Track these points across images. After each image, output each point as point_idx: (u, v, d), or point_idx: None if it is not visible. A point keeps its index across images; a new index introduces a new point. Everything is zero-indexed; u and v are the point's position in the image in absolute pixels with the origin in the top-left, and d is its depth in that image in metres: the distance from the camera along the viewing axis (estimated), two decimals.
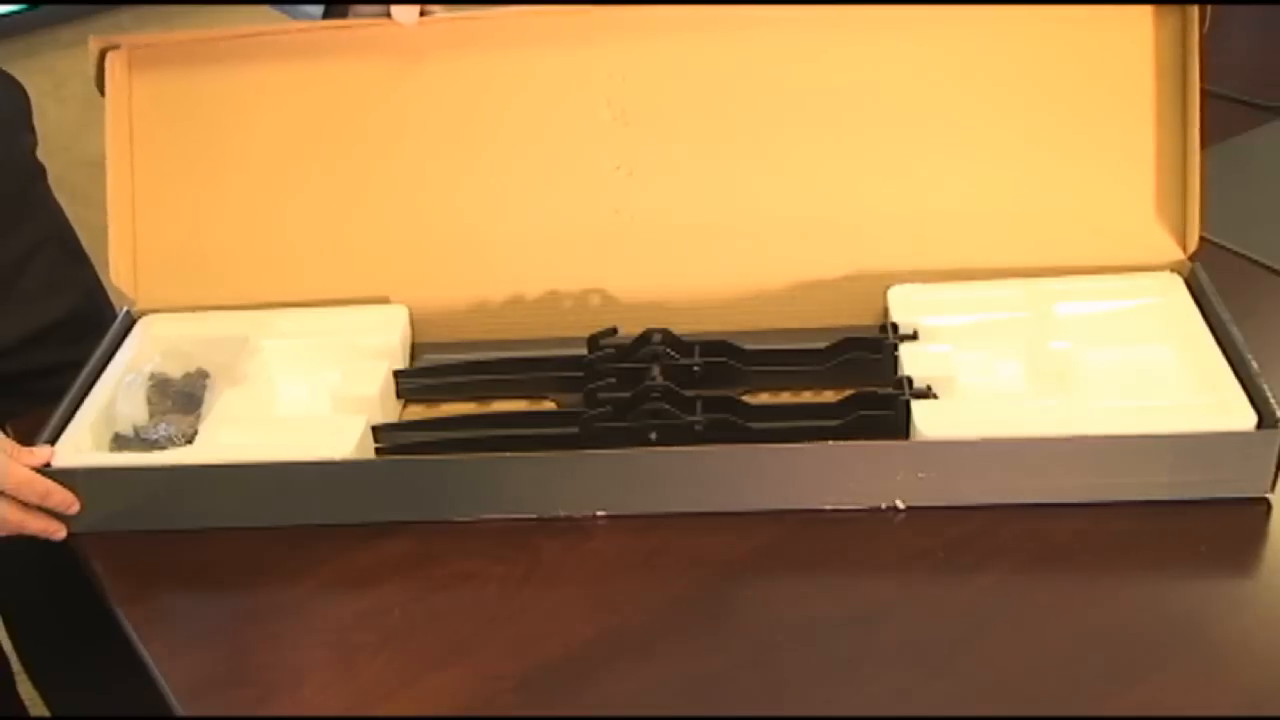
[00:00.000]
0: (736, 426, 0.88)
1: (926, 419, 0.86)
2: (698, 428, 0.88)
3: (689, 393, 0.90)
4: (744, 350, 0.95)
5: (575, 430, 0.89)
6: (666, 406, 0.88)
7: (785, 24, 0.99)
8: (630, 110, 0.99)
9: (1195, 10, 0.93)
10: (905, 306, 0.97)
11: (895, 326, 0.94)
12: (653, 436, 0.88)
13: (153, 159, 1.06)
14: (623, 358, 0.95)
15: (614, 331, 0.95)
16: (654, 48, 1.00)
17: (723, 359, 0.94)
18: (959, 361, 0.90)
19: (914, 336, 0.94)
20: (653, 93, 0.99)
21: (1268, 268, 1.08)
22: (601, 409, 0.89)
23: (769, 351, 0.95)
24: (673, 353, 0.94)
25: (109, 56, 1.05)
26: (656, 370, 0.91)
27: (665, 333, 0.95)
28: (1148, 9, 0.96)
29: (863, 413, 0.88)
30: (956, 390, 0.89)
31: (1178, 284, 0.96)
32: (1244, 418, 0.83)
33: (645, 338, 0.95)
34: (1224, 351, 0.88)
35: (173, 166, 1.05)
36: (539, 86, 0.99)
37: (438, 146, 1.02)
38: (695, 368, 0.93)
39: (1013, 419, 0.85)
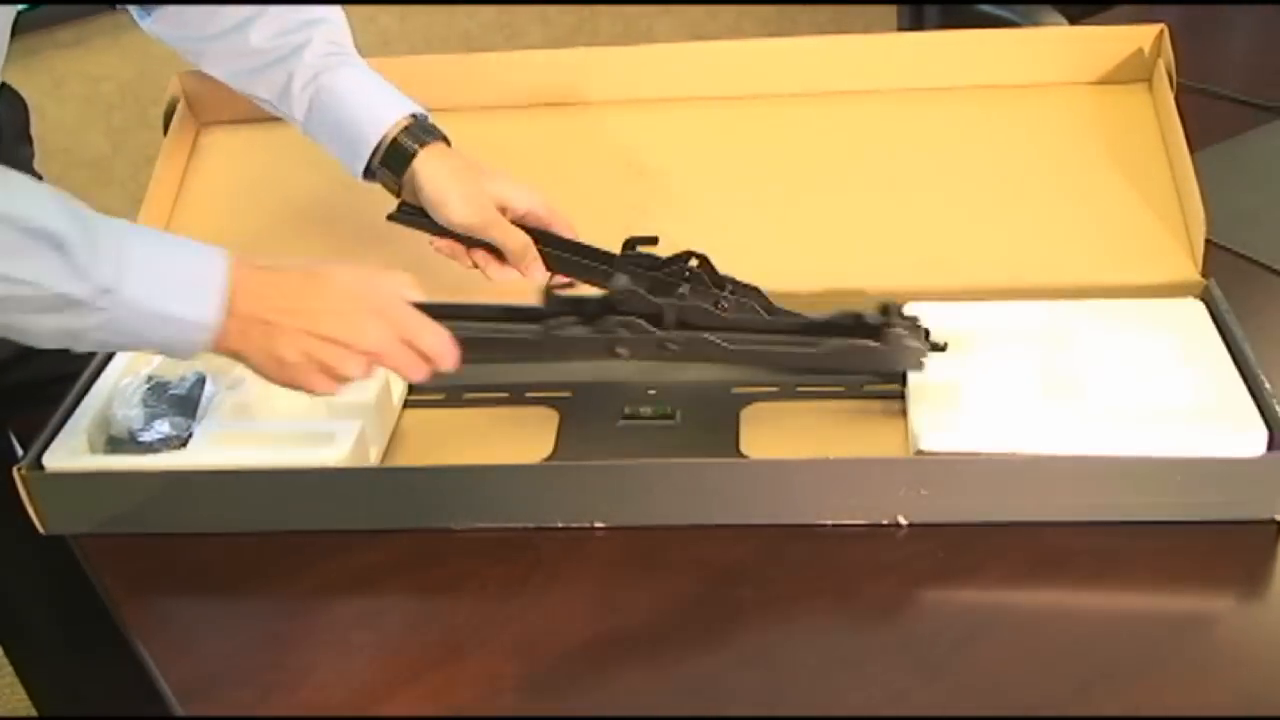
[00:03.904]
0: (710, 344, 0.85)
1: (927, 430, 0.85)
2: (671, 346, 0.85)
3: (658, 299, 0.86)
4: (770, 303, 0.91)
5: (535, 330, 0.86)
6: (634, 319, 0.85)
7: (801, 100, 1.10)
8: (648, 164, 1.00)
9: (1164, 80, 1.06)
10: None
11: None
12: (622, 352, 0.85)
13: (194, 197, 1.09)
14: (652, 267, 0.92)
15: (655, 240, 0.92)
16: (672, 113, 1.09)
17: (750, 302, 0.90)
18: (968, 376, 0.90)
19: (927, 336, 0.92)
20: (668, 149, 1.01)
21: (1268, 268, 1.08)
22: (565, 315, 0.86)
23: (750, 318, 0.91)
24: (706, 279, 0.90)
25: (180, 107, 1.10)
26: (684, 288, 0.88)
27: (704, 259, 0.91)
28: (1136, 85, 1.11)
29: (849, 340, 0.86)
30: (962, 403, 0.88)
31: (1198, 308, 0.95)
32: (1255, 441, 0.82)
33: (681, 258, 0.91)
34: (1239, 371, 0.88)
35: (209, 204, 1.09)
36: (568, 142, 0.99)
37: None
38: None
39: (1017, 433, 0.84)
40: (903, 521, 0.85)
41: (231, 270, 0.78)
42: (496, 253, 0.95)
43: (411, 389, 1.01)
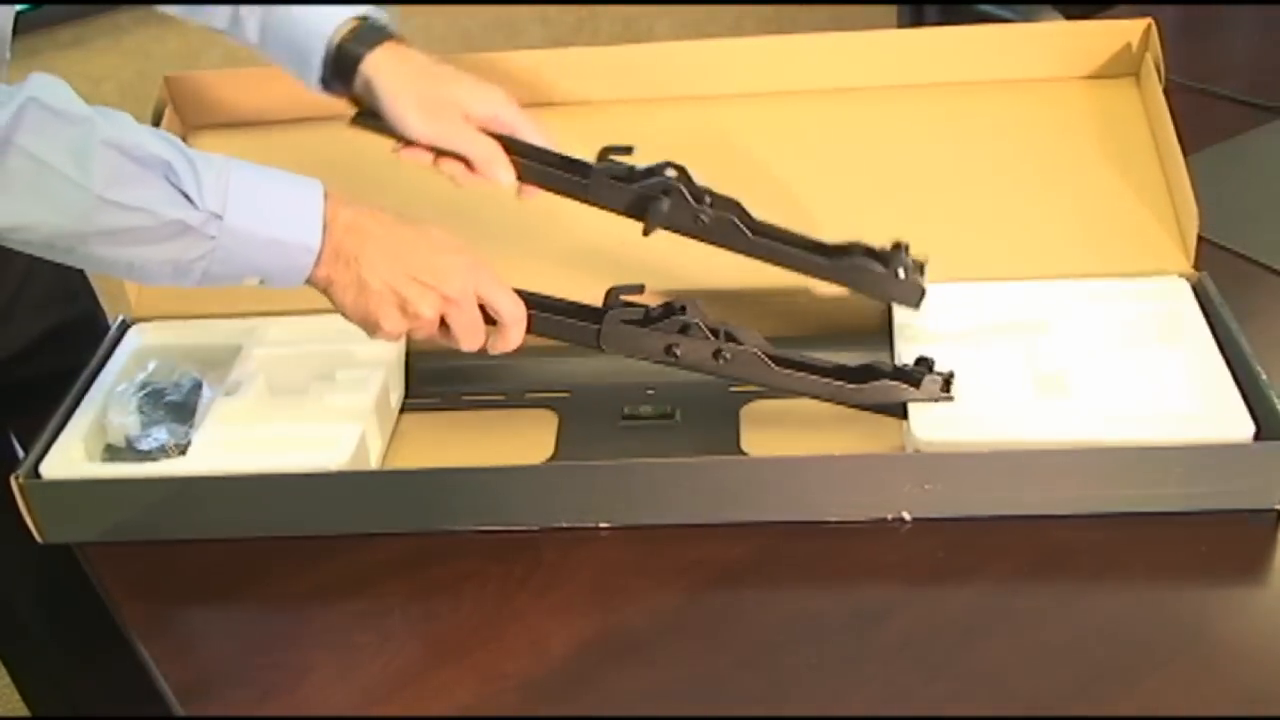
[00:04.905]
0: (758, 362, 0.87)
1: (922, 420, 0.86)
2: (703, 218, 0.89)
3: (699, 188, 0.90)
4: (751, 219, 0.93)
5: (598, 328, 0.87)
6: (695, 321, 0.86)
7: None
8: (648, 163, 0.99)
9: (1153, 75, 1.07)
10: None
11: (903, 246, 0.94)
12: (677, 353, 0.87)
13: None
14: (629, 179, 0.92)
15: (629, 150, 0.92)
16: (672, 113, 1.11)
17: (730, 215, 0.92)
18: (960, 361, 0.90)
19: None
20: (668, 148, 1.00)
21: (1268, 268, 1.08)
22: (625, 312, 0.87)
23: (776, 229, 0.94)
24: (685, 191, 0.91)
25: (167, 111, 1.11)
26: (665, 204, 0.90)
27: (681, 170, 0.92)
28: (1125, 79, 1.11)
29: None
30: (955, 390, 0.89)
31: (1184, 289, 0.96)
32: (1241, 428, 0.83)
33: (658, 170, 0.92)
34: (1232, 361, 0.88)
35: None
36: (568, 142, 0.99)
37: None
38: (702, 216, 0.91)
39: (1011, 423, 0.85)
40: (906, 517, 0.85)
41: (328, 200, 0.80)
42: (465, 160, 0.92)
43: (410, 391, 1.01)
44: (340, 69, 0.91)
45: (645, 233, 0.92)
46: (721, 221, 0.92)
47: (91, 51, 2.02)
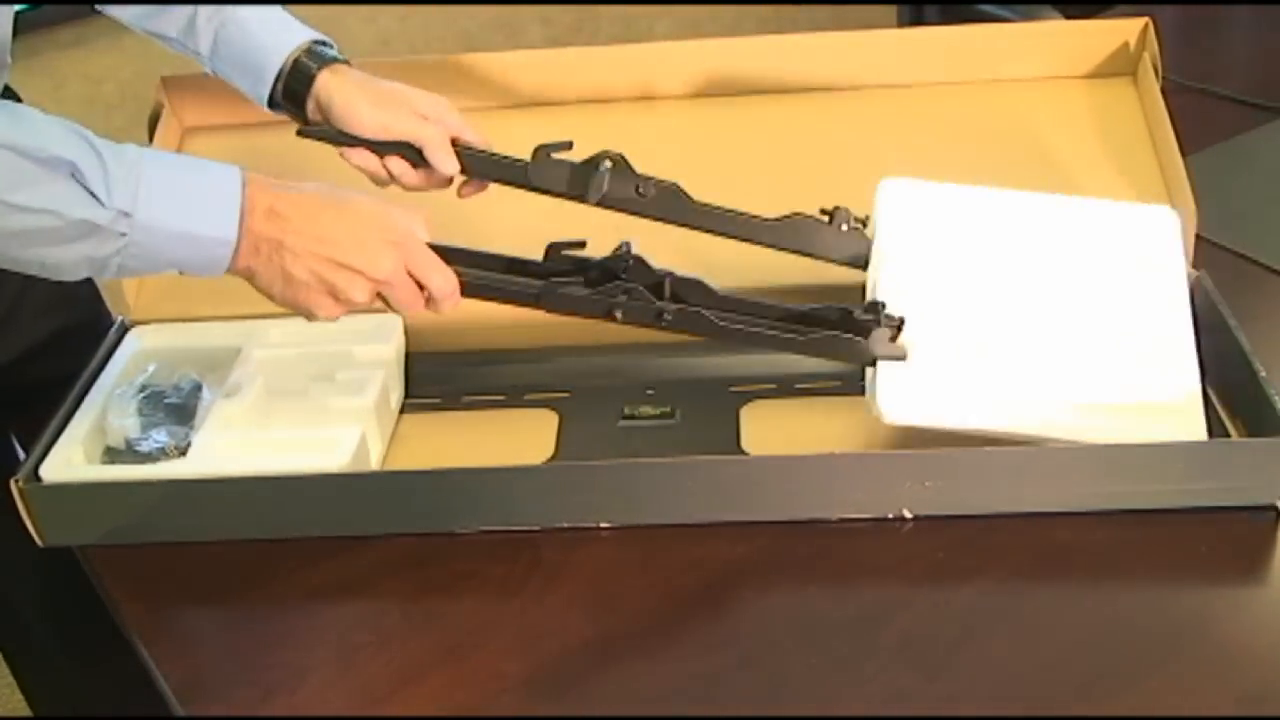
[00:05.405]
0: (705, 320, 0.86)
1: (890, 398, 0.86)
2: (666, 316, 0.86)
3: (655, 269, 0.87)
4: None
5: (538, 285, 0.86)
6: (636, 286, 0.86)
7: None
8: (649, 162, 0.99)
9: (1150, 73, 1.07)
10: (896, 204, 0.94)
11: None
12: (618, 315, 0.86)
13: None
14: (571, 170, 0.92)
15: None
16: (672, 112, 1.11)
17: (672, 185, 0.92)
18: (933, 306, 0.89)
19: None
20: (668, 147, 1.01)
21: (1268, 268, 1.08)
22: (569, 278, 0.87)
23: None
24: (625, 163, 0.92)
25: (164, 113, 1.12)
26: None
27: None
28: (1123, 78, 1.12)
29: (827, 333, 0.87)
30: (924, 362, 0.87)
31: (1172, 221, 0.94)
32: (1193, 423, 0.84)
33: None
34: (1232, 359, 0.88)
35: None
36: (569, 130, 0.99)
37: None
38: (642, 187, 0.91)
39: (973, 412, 0.85)
40: (907, 515, 0.85)
41: (247, 187, 0.79)
42: (411, 162, 0.93)
43: (410, 392, 1.01)
44: (294, 82, 0.94)
45: (587, 202, 0.91)
46: (664, 191, 0.92)
47: (91, 51, 2.02)
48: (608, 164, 0.92)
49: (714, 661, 0.77)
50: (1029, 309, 0.90)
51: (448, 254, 0.85)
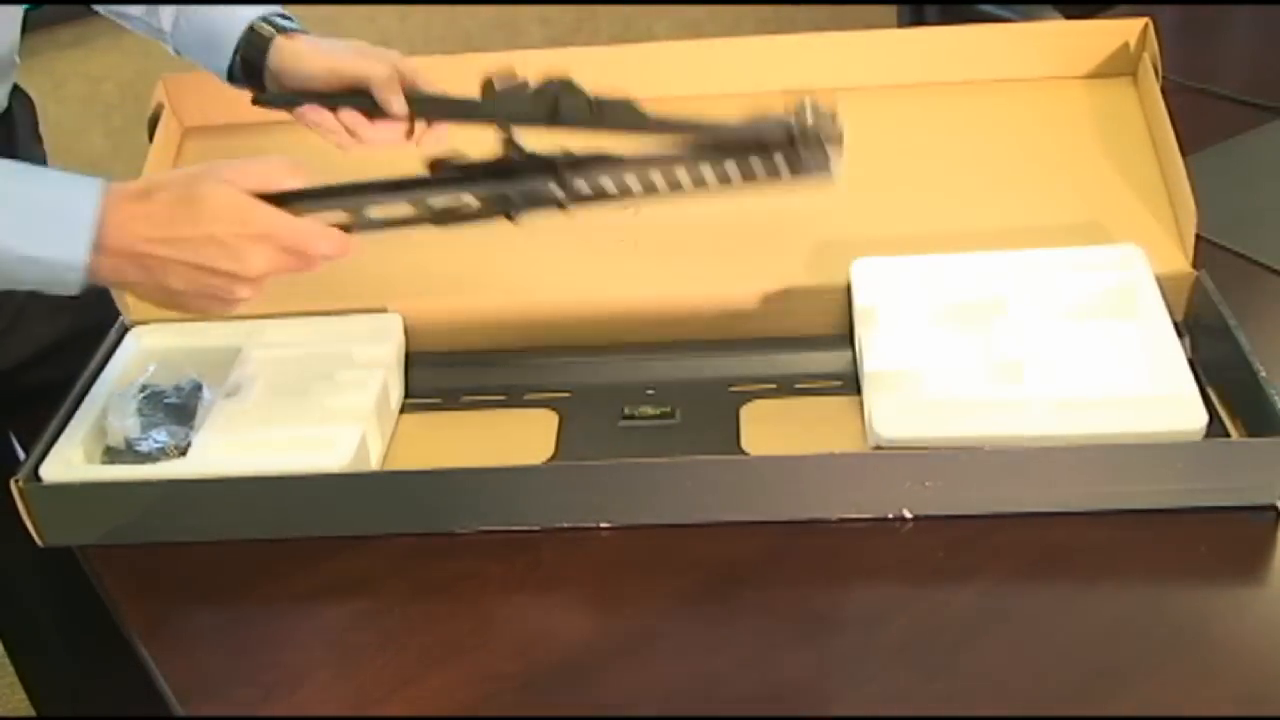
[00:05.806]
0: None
1: (886, 419, 0.86)
2: (597, 104, 0.85)
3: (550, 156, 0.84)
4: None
5: (425, 207, 0.84)
6: (529, 181, 0.83)
7: None
8: None
9: (1150, 74, 1.07)
10: (869, 280, 0.97)
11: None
12: (513, 215, 0.84)
13: None
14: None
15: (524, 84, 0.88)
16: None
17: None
18: (919, 346, 0.90)
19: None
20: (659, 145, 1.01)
21: (1268, 268, 1.08)
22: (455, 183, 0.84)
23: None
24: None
25: (165, 112, 1.12)
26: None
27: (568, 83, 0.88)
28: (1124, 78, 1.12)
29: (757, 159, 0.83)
30: (916, 382, 0.89)
31: (1139, 258, 0.96)
32: (1193, 416, 0.84)
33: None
34: (1232, 359, 0.88)
35: None
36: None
37: None
38: (595, 103, 0.88)
39: (969, 420, 0.85)
40: (907, 515, 0.85)
41: (102, 202, 0.76)
42: (365, 111, 0.92)
43: (410, 392, 1.01)
44: (250, 50, 0.94)
45: (544, 125, 0.86)
46: (616, 104, 0.88)
47: (91, 51, 2.02)
48: (558, 84, 0.88)
49: (714, 661, 0.78)
50: (1012, 338, 0.91)
51: (325, 195, 0.82)
